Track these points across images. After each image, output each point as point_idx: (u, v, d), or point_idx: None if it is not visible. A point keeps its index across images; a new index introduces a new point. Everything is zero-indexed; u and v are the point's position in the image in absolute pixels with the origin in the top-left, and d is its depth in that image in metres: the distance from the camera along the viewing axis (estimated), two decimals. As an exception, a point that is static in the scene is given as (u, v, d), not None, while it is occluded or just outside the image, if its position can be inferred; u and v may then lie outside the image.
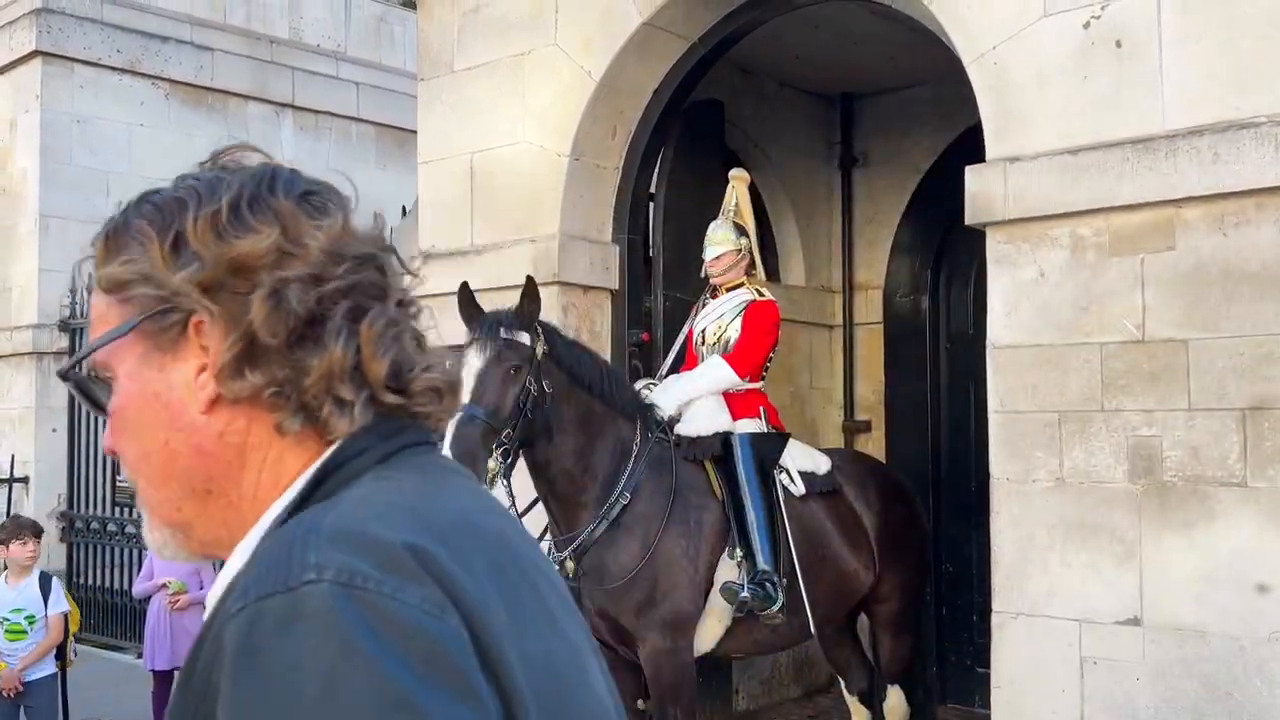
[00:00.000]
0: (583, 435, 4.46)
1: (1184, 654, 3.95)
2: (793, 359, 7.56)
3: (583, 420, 4.46)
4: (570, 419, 4.42)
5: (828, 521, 4.97)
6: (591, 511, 4.47)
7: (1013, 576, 4.33)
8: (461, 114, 6.35)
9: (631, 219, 6.19)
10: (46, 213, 10.22)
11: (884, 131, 7.79)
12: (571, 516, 4.50)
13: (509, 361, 4.20)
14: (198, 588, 6.30)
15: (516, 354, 4.22)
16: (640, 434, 4.60)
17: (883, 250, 7.74)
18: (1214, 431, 3.91)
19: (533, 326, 4.33)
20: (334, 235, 1.05)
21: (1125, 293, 4.11)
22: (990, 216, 4.39)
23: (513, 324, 4.29)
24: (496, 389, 4.16)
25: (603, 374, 4.58)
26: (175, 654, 6.20)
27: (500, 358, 4.20)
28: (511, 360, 4.20)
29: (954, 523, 7.22)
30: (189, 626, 6.23)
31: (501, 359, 4.20)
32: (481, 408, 4.11)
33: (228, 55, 11.42)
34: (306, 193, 1.07)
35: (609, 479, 4.49)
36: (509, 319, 4.31)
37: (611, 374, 4.66)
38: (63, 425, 10.15)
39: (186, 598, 6.24)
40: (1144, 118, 4.09)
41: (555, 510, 4.54)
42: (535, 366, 4.25)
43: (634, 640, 4.50)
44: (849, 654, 5.62)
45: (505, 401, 4.16)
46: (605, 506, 4.46)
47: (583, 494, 4.48)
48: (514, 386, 4.19)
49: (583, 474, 4.47)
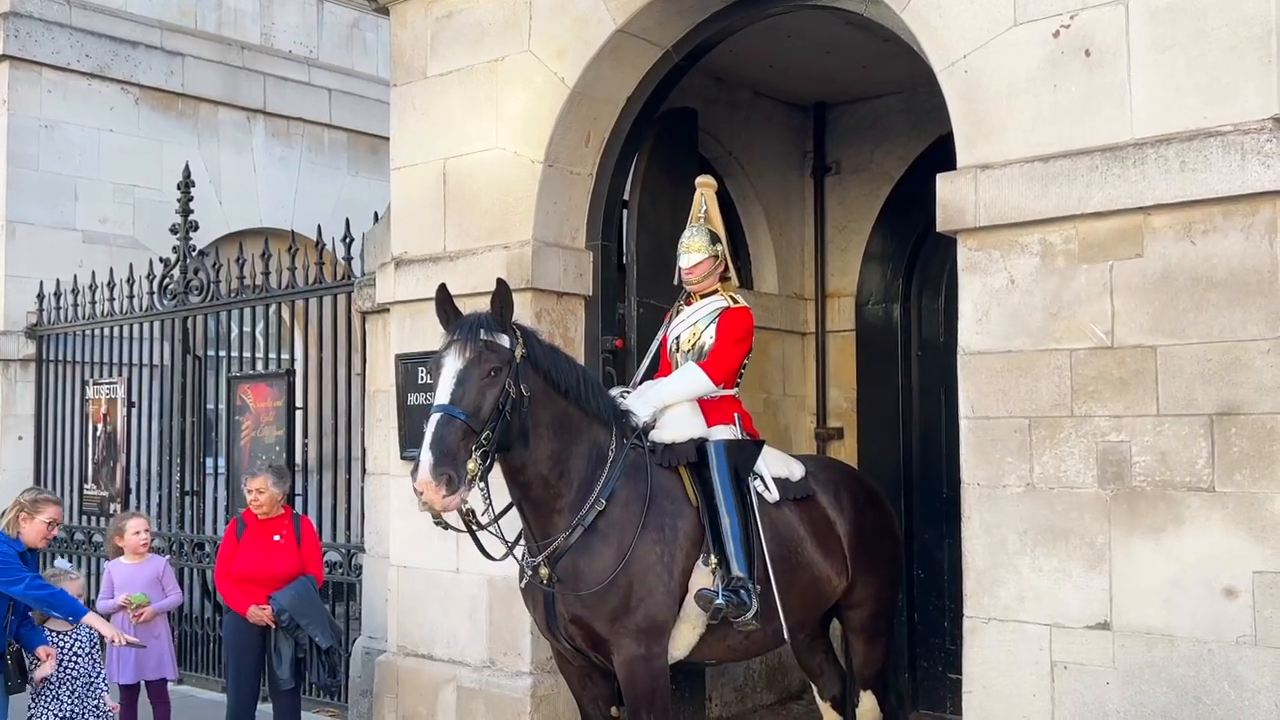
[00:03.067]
0: (559, 440, 4.44)
1: (1153, 658, 3.98)
2: (766, 366, 7.58)
3: (559, 425, 4.44)
4: (546, 423, 4.40)
5: (801, 527, 4.97)
6: (567, 517, 4.45)
7: (984, 581, 4.35)
8: (435, 120, 6.33)
9: (605, 225, 6.19)
10: (14, 218, 10.11)
11: (856, 140, 7.84)
12: (546, 522, 4.48)
13: (489, 363, 4.17)
14: (160, 597, 6.24)
15: (497, 356, 4.20)
16: (616, 440, 4.59)
17: (855, 258, 7.78)
18: (1182, 437, 3.95)
19: (511, 329, 4.32)
20: None
21: (1094, 299, 4.15)
22: (961, 224, 4.43)
23: (492, 326, 4.27)
24: (476, 390, 4.14)
25: (579, 379, 4.56)
26: (141, 666, 6.11)
27: (480, 359, 4.17)
28: (491, 362, 4.18)
29: (925, 528, 7.25)
30: (153, 634, 6.15)
31: (482, 360, 4.17)
32: (461, 408, 4.09)
33: (198, 61, 11.34)
34: None
35: (585, 485, 4.47)
36: (488, 321, 4.28)
37: (588, 379, 4.64)
38: (29, 432, 10.03)
39: (150, 610, 6.14)
40: (1113, 126, 4.14)
41: (530, 515, 4.52)
42: (514, 369, 4.24)
43: (608, 647, 4.49)
44: (821, 660, 5.64)
45: (485, 403, 4.14)
46: (580, 513, 4.44)
47: (558, 499, 4.46)
48: (493, 389, 4.16)
49: (558, 479, 4.45)
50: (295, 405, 7.83)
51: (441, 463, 4.00)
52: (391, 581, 6.42)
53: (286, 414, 7.77)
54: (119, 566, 6.32)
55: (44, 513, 5.29)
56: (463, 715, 5.97)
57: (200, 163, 10.50)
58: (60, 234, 10.32)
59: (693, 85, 6.64)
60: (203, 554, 8.39)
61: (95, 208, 10.55)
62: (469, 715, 5.94)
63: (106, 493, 9.34)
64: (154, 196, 10.65)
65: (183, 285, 8.77)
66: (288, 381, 7.86)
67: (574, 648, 4.61)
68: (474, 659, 6.00)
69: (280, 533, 6.02)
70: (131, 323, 9.19)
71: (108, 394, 9.37)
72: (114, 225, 10.62)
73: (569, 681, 4.90)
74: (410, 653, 6.30)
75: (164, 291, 8.92)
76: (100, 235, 10.51)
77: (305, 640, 5.83)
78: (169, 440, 8.91)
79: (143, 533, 6.39)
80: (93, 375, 9.55)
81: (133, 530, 6.36)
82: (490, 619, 5.91)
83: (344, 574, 7.40)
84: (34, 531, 5.24)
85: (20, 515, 5.25)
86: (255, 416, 7.99)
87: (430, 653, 6.20)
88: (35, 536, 5.26)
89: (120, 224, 10.67)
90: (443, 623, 6.13)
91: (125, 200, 10.73)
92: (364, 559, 7.11)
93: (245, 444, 8.02)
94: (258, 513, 6.02)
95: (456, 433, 4.05)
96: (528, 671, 5.77)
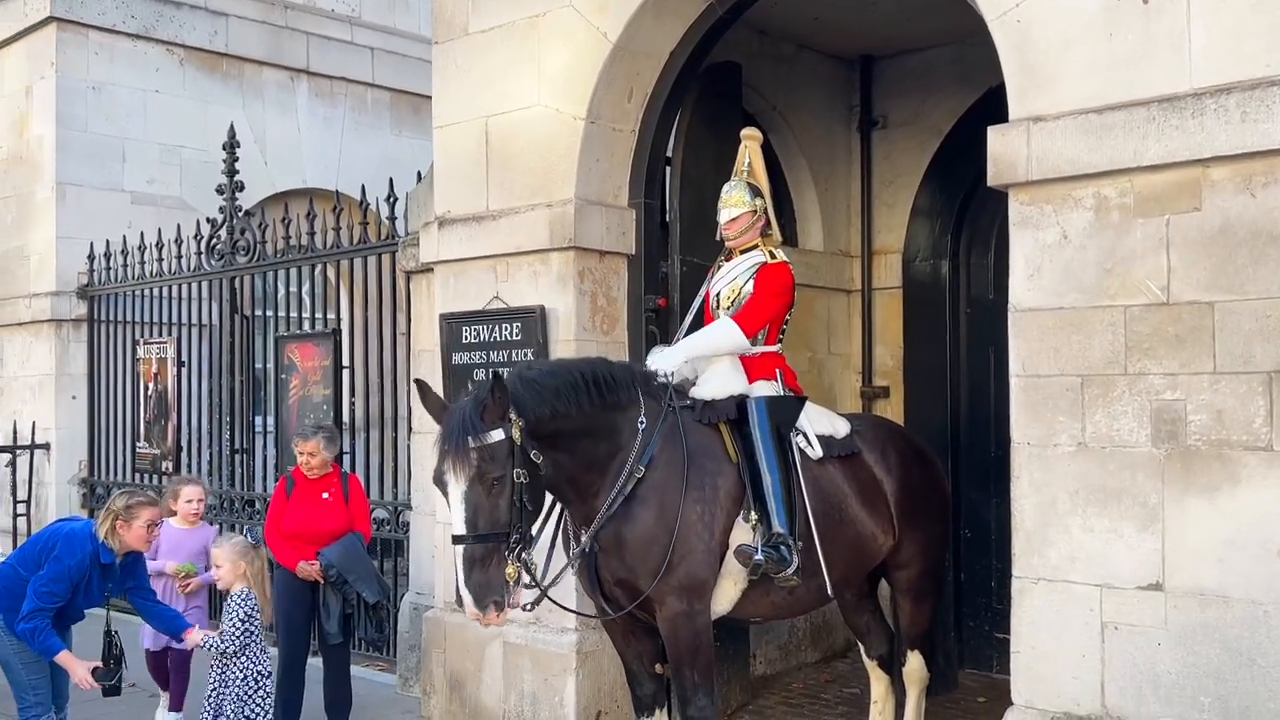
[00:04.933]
0: (583, 444, 4.41)
1: (1206, 619, 3.92)
2: (811, 324, 7.52)
3: (580, 435, 4.40)
4: (570, 439, 4.37)
5: (845, 484, 4.93)
6: (605, 496, 4.46)
7: (1033, 542, 4.30)
8: (476, 78, 6.29)
9: (648, 183, 6.13)
10: (64, 180, 10.23)
11: (904, 93, 7.70)
12: (588, 508, 4.50)
13: (491, 474, 4.03)
14: (204, 569, 6.10)
15: (495, 462, 4.03)
16: (647, 408, 4.55)
17: (902, 214, 7.68)
18: (1239, 395, 3.86)
19: (505, 417, 4.09)
20: None
21: (1150, 254, 4.05)
22: (1013, 178, 4.33)
23: (478, 426, 4.05)
24: (488, 507, 4.04)
25: (579, 387, 4.38)
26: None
27: (480, 473, 4.02)
28: (493, 472, 4.03)
29: (972, 488, 7.19)
30: (194, 604, 6.10)
31: (482, 474, 4.02)
32: (480, 532, 4.02)
33: (242, 21, 11.36)
34: None
35: (619, 463, 4.46)
36: (472, 420, 4.06)
37: (595, 379, 4.44)
38: (82, 392, 10.21)
39: (197, 580, 6.07)
40: (1170, 76, 4.02)
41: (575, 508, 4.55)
42: (519, 453, 4.09)
43: (651, 605, 4.50)
44: (868, 619, 5.62)
45: (500, 512, 4.05)
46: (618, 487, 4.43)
47: (592, 487, 4.47)
48: (503, 495, 4.05)
49: (587, 472, 4.45)
50: (342, 364, 7.89)
51: (483, 596, 4.01)
52: (438, 538, 6.47)
53: (333, 373, 7.84)
54: (169, 529, 6.10)
55: (140, 517, 5.08)
56: (509, 671, 6.03)
57: (245, 123, 10.55)
58: (109, 195, 10.44)
59: (736, 39, 6.54)
60: (252, 511, 8.51)
61: (143, 169, 10.65)
62: (515, 671, 6.00)
63: (158, 450, 9.50)
64: (200, 157, 10.73)
65: (229, 246, 8.84)
66: (334, 341, 7.91)
67: (620, 607, 4.63)
68: (519, 615, 6.03)
69: (329, 490, 6.08)
70: (180, 283, 9.30)
71: (158, 353, 9.50)
72: (161, 186, 10.72)
73: (613, 639, 4.93)
74: (458, 608, 6.36)
75: (211, 252, 9.00)
76: (148, 196, 10.61)
77: (353, 595, 5.91)
78: (218, 399, 9.03)
79: (195, 502, 6.29)
80: (143, 335, 9.68)
81: (185, 498, 6.27)
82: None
83: (391, 531, 7.48)
84: (135, 536, 5.10)
85: (117, 523, 5.05)
86: (303, 375, 8.06)
87: (476, 609, 6.25)
88: (137, 541, 5.12)
89: (168, 185, 10.76)
90: (489, 580, 6.17)
91: (172, 161, 10.82)
92: (411, 516, 7.18)
93: (293, 403, 8.11)
94: (307, 473, 6.08)
95: (486, 560, 4.02)
96: (573, 628, 5.81)
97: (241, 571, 5.23)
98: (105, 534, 5.07)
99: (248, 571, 5.22)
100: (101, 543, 5.06)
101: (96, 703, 5.51)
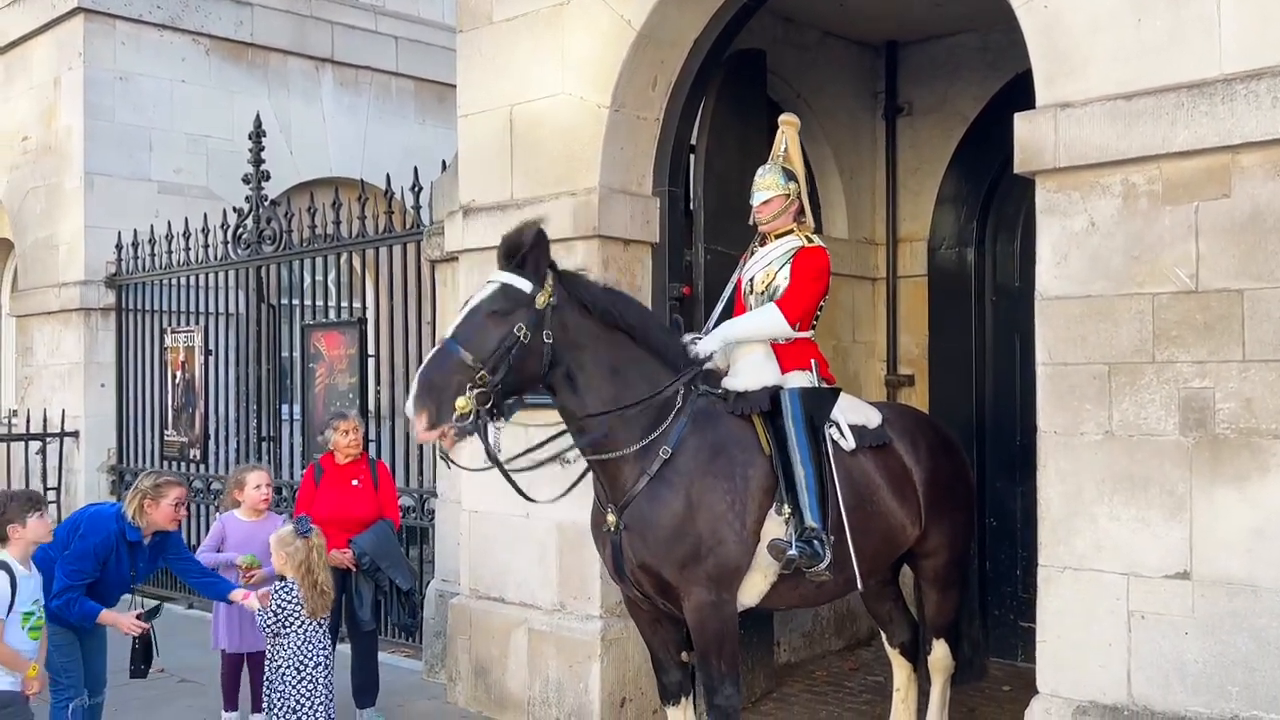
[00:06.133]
0: (615, 385, 4.39)
1: (1234, 608, 3.90)
2: (835, 312, 7.50)
3: (617, 368, 4.40)
4: (601, 366, 4.36)
5: (877, 475, 4.91)
6: (634, 466, 4.45)
7: (1059, 530, 4.28)
8: (501, 66, 6.30)
9: (672, 171, 6.13)
10: (92, 170, 10.32)
11: (929, 80, 7.66)
12: (615, 470, 4.48)
13: (497, 304, 4.15)
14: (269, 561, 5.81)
15: (508, 299, 4.16)
16: (684, 387, 4.54)
17: (927, 201, 7.64)
18: (1269, 383, 3.83)
19: (540, 273, 4.23)
20: None
21: (1178, 242, 4.02)
22: (1040, 165, 4.30)
23: (514, 269, 4.21)
24: (480, 328, 4.13)
25: (643, 320, 4.50)
26: (245, 636, 5.87)
27: (492, 299, 4.17)
28: (500, 303, 4.15)
29: (997, 476, 7.17)
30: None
31: (493, 300, 4.16)
32: (459, 343, 4.09)
33: (267, 10, 11.41)
34: None
35: (649, 431, 4.43)
36: (513, 268, 4.22)
37: (654, 321, 4.55)
38: (111, 380, 10.31)
39: (261, 573, 5.78)
40: (1200, 62, 3.98)
41: (596, 465, 4.53)
42: (536, 315, 4.18)
43: (677, 593, 4.50)
44: (890, 607, 5.60)
45: (487, 342, 4.11)
46: (645, 460, 4.43)
47: (621, 446, 4.42)
48: (499, 329, 4.12)
49: (619, 425, 4.39)
50: (367, 353, 7.94)
51: (423, 394, 4.04)
52: (463, 526, 6.51)
53: (359, 362, 7.88)
54: (235, 522, 6.01)
55: (168, 495, 5.20)
56: (534, 658, 6.06)
57: (270, 113, 10.60)
58: (136, 185, 10.52)
59: (760, 26, 6.52)
60: (280, 498, 8.57)
61: (169, 158, 10.72)
62: (540, 658, 6.04)
63: (186, 438, 9.59)
64: (226, 147, 10.80)
65: (256, 235, 8.90)
66: (360, 329, 7.96)
67: (642, 593, 4.64)
68: (545, 602, 6.08)
69: (358, 477, 6.11)
70: (207, 272, 9.36)
71: (185, 342, 9.58)
72: (188, 175, 10.80)
73: (639, 626, 4.94)
74: (482, 595, 6.41)
75: (238, 241, 9.06)
76: (175, 186, 10.69)
77: (385, 583, 5.94)
78: (245, 387, 9.10)
79: (264, 487, 6.04)
80: (170, 324, 9.76)
81: (254, 484, 6.03)
82: (560, 563, 5.97)
83: (417, 518, 7.53)
84: (163, 515, 5.19)
85: (145, 502, 5.16)
86: (329, 364, 8.11)
87: (502, 596, 6.30)
88: (165, 519, 5.21)
89: (194, 174, 10.84)
90: (514, 566, 6.21)
91: (198, 151, 10.89)
92: (436, 503, 7.23)
93: (319, 391, 8.16)
94: (344, 456, 6.09)
95: (448, 367, 4.06)
96: (598, 615, 5.83)
97: (284, 561, 5.22)
98: (133, 513, 5.17)
99: (289, 562, 5.20)
100: (128, 522, 5.16)
101: (127, 687, 5.57)
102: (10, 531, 4.64)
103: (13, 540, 4.64)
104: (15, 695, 4.58)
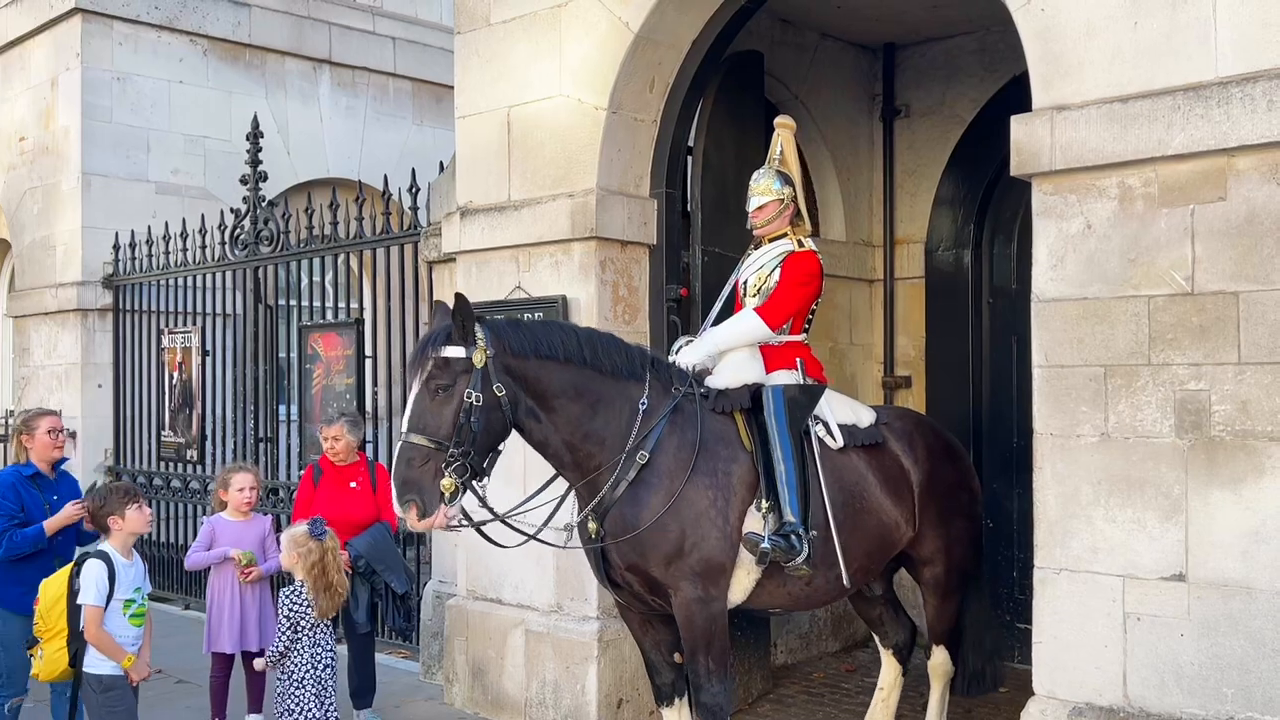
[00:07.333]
0: (577, 405, 4.44)
1: (1230, 610, 3.91)
2: (832, 314, 7.51)
3: (573, 393, 4.44)
4: (558, 395, 4.41)
5: (869, 473, 4.91)
6: (608, 475, 4.47)
7: (1055, 532, 4.29)
8: (498, 67, 6.31)
9: (670, 173, 6.14)
10: (89, 170, 10.31)
11: (927, 82, 7.68)
12: (590, 485, 4.51)
13: (438, 381, 4.21)
14: (263, 560, 5.93)
15: (446, 373, 4.21)
16: (651, 391, 4.55)
17: (924, 203, 7.65)
18: (1264, 385, 3.84)
19: (467, 336, 4.26)
20: None
21: (1174, 244, 4.03)
22: (1036, 167, 4.31)
23: (442, 341, 4.26)
24: (432, 412, 4.19)
25: (581, 342, 4.49)
26: (245, 635, 5.86)
27: (430, 379, 4.22)
28: (441, 380, 4.21)
29: (994, 478, 7.18)
30: (254, 603, 5.88)
31: (431, 381, 4.22)
32: (418, 433, 4.17)
33: (264, 11, 11.40)
34: None
35: (618, 441, 4.47)
36: (441, 336, 4.27)
37: (594, 340, 4.55)
38: (108, 381, 10.30)
39: (257, 570, 5.82)
40: (1196, 65, 3.99)
41: (574, 482, 4.57)
42: (476, 376, 4.23)
43: (665, 590, 4.51)
44: (881, 611, 5.60)
45: (443, 421, 4.19)
46: (621, 467, 4.45)
47: (592, 460, 4.48)
48: (449, 405, 4.20)
49: (584, 441, 4.45)
50: (365, 354, 7.94)
51: (404, 492, 4.16)
52: (460, 527, 6.51)
53: (356, 362, 7.88)
54: (224, 523, 5.99)
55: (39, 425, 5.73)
56: (531, 659, 6.07)
57: (268, 113, 10.60)
58: (134, 185, 10.51)
59: (758, 28, 6.53)
60: (277, 499, 8.57)
61: (167, 159, 10.72)
62: (537, 659, 6.04)
63: (183, 439, 9.58)
64: (224, 147, 10.80)
65: (253, 235, 8.89)
66: (357, 330, 7.96)
67: (633, 595, 4.65)
68: (541, 604, 6.08)
69: (356, 479, 6.11)
70: (204, 272, 9.36)
71: (182, 343, 9.57)
72: (185, 176, 10.80)
73: (631, 628, 4.95)
74: (479, 597, 6.41)
75: (235, 242, 9.06)
76: (172, 186, 10.69)
77: (381, 586, 5.94)
78: (242, 388, 9.09)
79: (247, 490, 6.02)
80: (168, 324, 9.75)
81: (237, 486, 6.01)
82: (556, 565, 5.97)
83: (414, 520, 7.51)
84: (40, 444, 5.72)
85: (21, 438, 5.74)
86: (326, 364, 8.11)
87: (499, 597, 6.30)
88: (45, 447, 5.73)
89: (191, 175, 10.84)
90: (511, 568, 6.21)
91: (196, 151, 10.89)
92: (433, 505, 7.21)
93: (317, 392, 8.16)
94: (334, 460, 6.10)
95: (417, 459, 4.16)
96: (594, 616, 5.84)
97: (295, 560, 5.21)
98: (16, 453, 5.75)
99: (301, 562, 5.18)
100: (16, 463, 5.74)
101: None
102: (111, 523, 4.80)
103: (114, 531, 4.80)
104: (119, 679, 4.71)
